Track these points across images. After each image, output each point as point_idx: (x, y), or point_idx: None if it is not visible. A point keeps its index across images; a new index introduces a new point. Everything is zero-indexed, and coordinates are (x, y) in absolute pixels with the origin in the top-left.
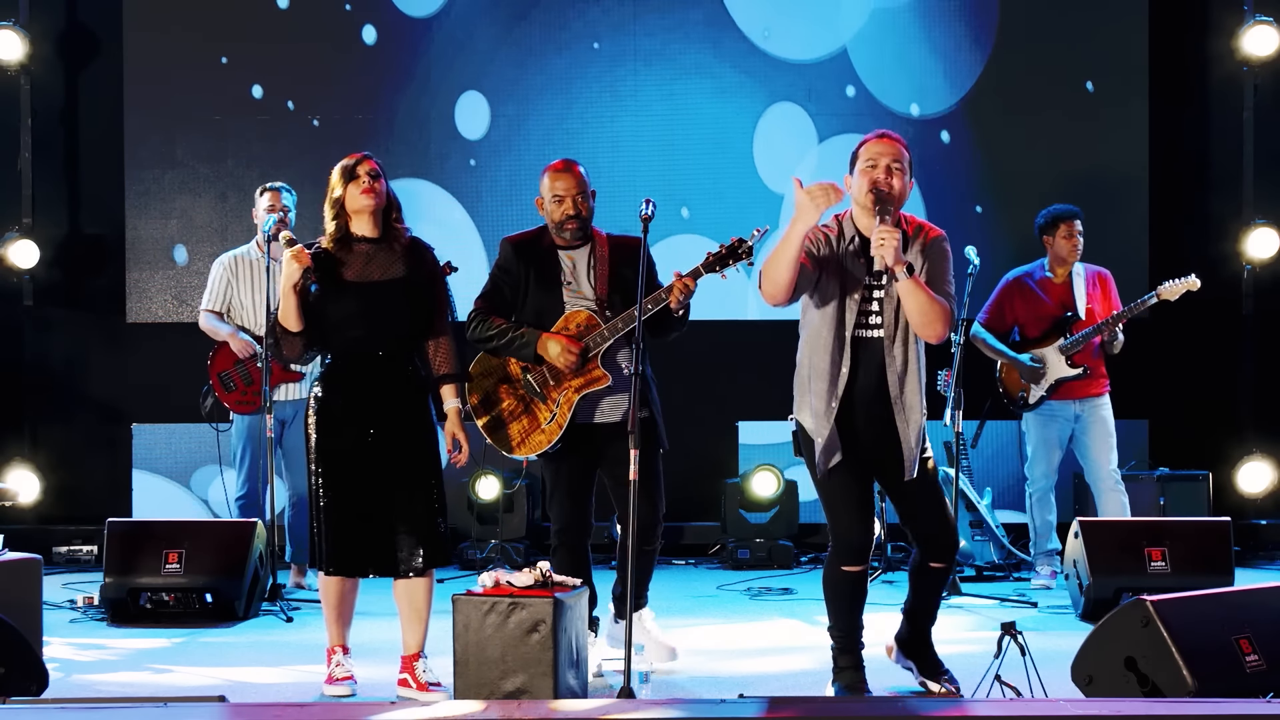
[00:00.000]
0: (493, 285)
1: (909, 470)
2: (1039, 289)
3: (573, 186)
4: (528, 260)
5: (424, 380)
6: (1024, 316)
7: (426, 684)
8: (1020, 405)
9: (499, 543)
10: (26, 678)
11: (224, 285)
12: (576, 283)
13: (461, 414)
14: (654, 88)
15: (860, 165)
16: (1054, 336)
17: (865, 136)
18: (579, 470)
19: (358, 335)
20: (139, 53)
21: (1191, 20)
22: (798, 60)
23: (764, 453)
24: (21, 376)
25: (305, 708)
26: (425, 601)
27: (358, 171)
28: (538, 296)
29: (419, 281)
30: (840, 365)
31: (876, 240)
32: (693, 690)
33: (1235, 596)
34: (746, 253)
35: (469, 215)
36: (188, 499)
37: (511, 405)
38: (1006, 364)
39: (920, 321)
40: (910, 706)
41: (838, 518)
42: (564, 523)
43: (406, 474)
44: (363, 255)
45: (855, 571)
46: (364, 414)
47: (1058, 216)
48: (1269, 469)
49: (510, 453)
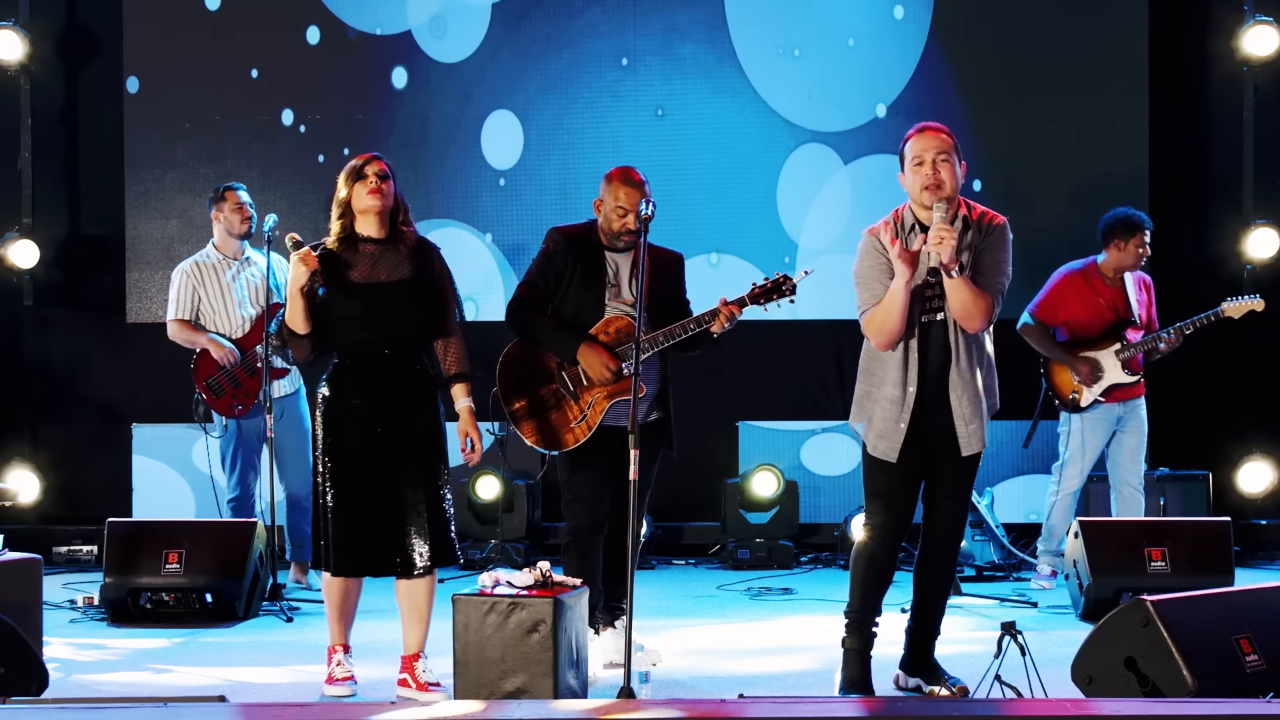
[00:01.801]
0: (538, 272)
1: (964, 445)
2: (1093, 289)
3: (638, 199)
4: (577, 255)
5: (432, 380)
6: (1077, 316)
7: (426, 684)
8: (1070, 407)
9: (499, 543)
10: (26, 678)
11: (190, 293)
12: (619, 288)
13: (474, 413)
14: (654, 88)
15: (909, 163)
16: (1109, 340)
17: (909, 132)
18: (601, 472)
19: (365, 336)
20: (139, 53)
21: (1191, 20)
22: (797, 59)
23: (764, 453)
24: (21, 376)
25: (305, 708)
26: (427, 601)
27: (365, 172)
28: (580, 294)
29: (426, 282)
30: (911, 351)
31: (935, 238)
32: (693, 690)
33: (1235, 596)
34: (790, 290)
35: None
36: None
37: (543, 399)
38: (1059, 364)
39: (961, 314)
40: (910, 707)
41: (874, 506)
42: (579, 520)
43: (413, 474)
44: (369, 256)
45: (883, 556)
46: (371, 414)
47: (1134, 224)
48: (1269, 469)
49: (536, 445)
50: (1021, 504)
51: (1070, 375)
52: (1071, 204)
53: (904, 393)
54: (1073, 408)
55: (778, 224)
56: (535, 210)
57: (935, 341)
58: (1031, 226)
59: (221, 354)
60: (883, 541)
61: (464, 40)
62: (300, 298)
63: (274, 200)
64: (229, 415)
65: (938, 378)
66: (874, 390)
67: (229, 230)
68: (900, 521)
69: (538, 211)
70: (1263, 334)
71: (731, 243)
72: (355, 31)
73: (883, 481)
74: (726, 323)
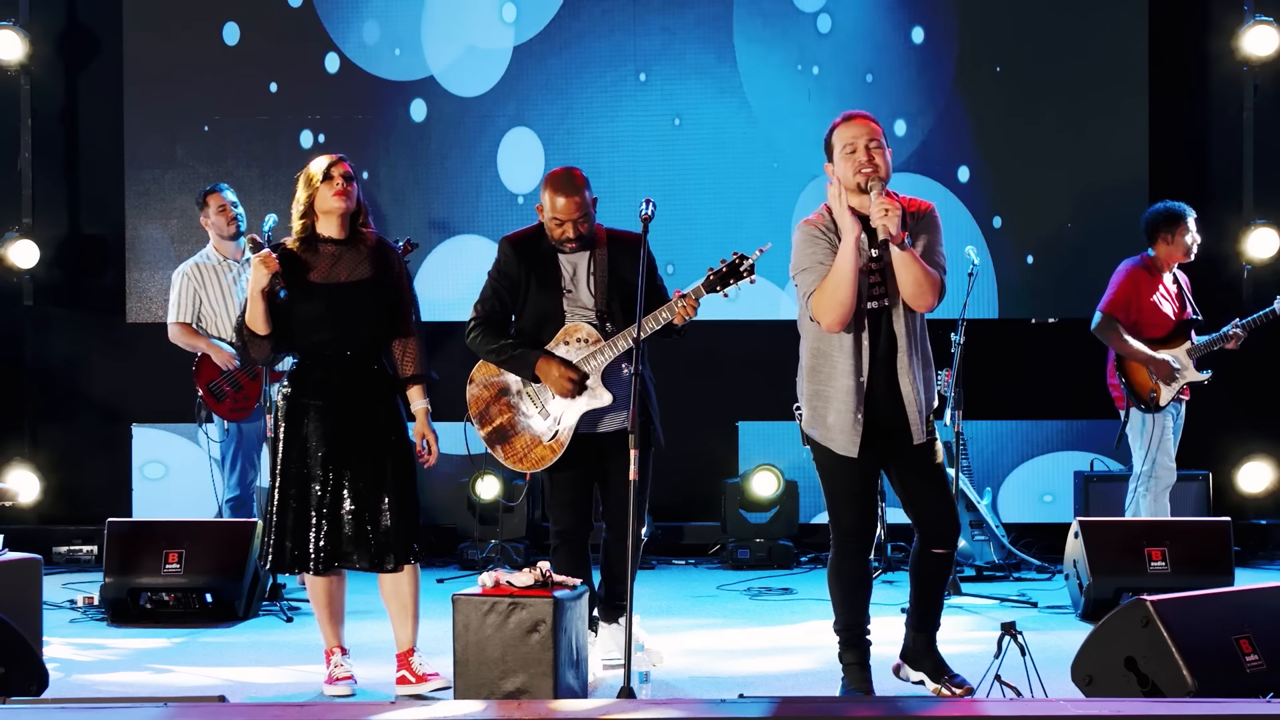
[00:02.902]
0: (491, 290)
1: (916, 434)
2: (1158, 284)
3: (573, 210)
4: (529, 263)
5: (392, 380)
6: (1148, 314)
7: (424, 675)
8: (1149, 405)
9: (499, 543)
10: (26, 678)
11: (190, 295)
12: (576, 290)
13: (429, 415)
14: (654, 87)
15: (839, 151)
16: (1179, 338)
17: (834, 121)
18: (581, 479)
19: (325, 336)
20: (139, 53)
21: (1191, 20)
22: (797, 59)
23: (764, 453)
24: (21, 376)
25: (305, 708)
26: (411, 596)
27: (331, 173)
28: (538, 302)
29: (386, 282)
30: (862, 340)
31: (879, 211)
32: (693, 690)
33: (1235, 596)
34: (749, 271)
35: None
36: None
37: (509, 420)
38: (1138, 362)
39: (914, 292)
40: (910, 706)
41: (840, 510)
42: (564, 525)
43: (375, 472)
44: (329, 256)
45: (857, 565)
46: (332, 414)
47: (1176, 215)
48: (1269, 469)
49: (513, 467)
50: (1020, 504)
51: (1148, 373)
52: (1071, 204)
53: (856, 382)
54: (1152, 406)
55: (791, 216)
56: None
57: (881, 329)
58: (1031, 227)
59: (222, 359)
60: (851, 552)
61: (483, 79)
62: (261, 299)
63: (274, 200)
64: (230, 419)
65: (885, 366)
66: (824, 388)
67: (219, 233)
68: (865, 523)
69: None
70: (1262, 334)
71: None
72: (373, 77)
73: (842, 482)
74: (688, 315)
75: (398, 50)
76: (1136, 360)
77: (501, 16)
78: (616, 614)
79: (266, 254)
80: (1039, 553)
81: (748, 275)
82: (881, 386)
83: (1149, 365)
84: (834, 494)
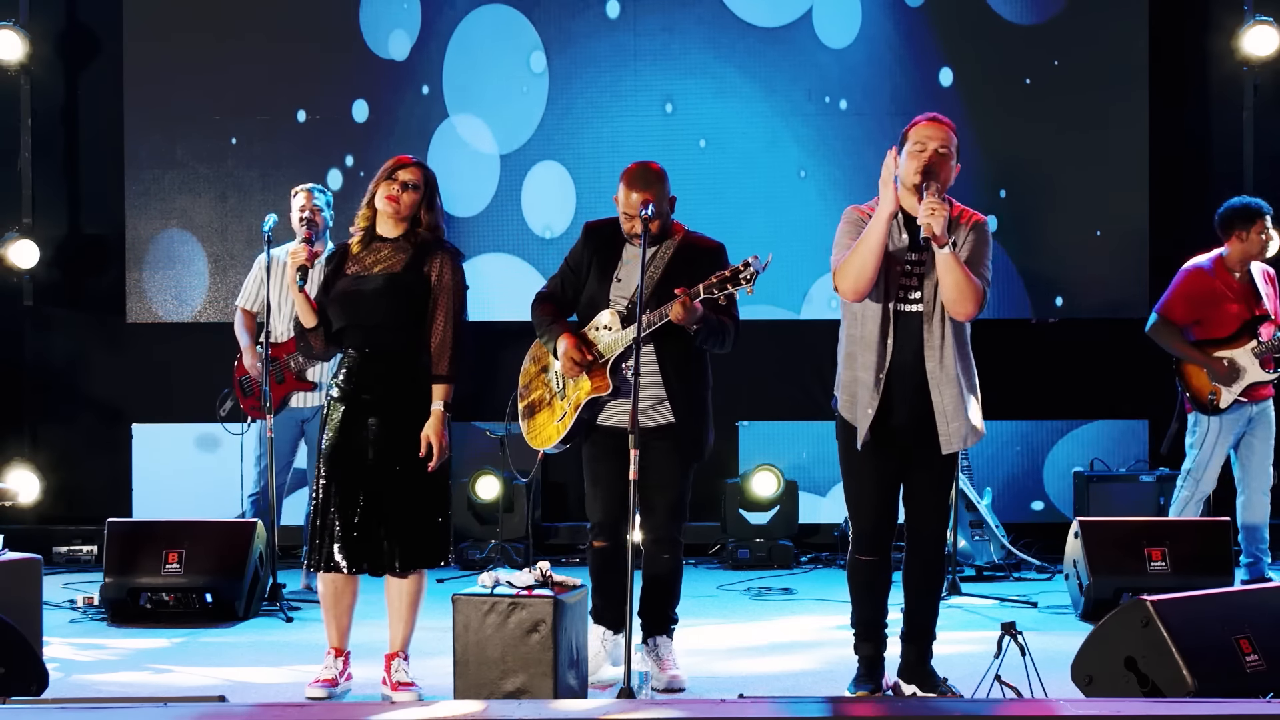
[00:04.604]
0: (558, 271)
1: (944, 444)
2: (1224, 285)
3: (641, 205)
4: (594, 249)
5: (419, 378)
6: (1209, 314)
7: (397, 683)
8: (1208, 409)
9: (499, 543)
10: (26, 678)
11: (256, 284)
12: (626, 280)
13: (444, 418)
14: (654, 88)
15: (909, 147)
16: (1244, 338)
17: (916, 118)
18: (618, 472)
19: (352, 331)
20: (139, 53)
21: (1191, 19)
22: (797, 59)
23: (764, 453)
24: (21, 376)
25: (305, 708)
26: (408, 602)
27: (395, 174)
28: (592, 285)
29: (414, 278)
30: (887, 337)
31: (926, 210)
32: (693, 690)
33: (1235, 596)
34: (749, 279)
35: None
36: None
37: (540, 396)
38: (1194, 365)
39: (953, 297)
40: (911, 706)
41: (860, 506)
42: (600, 518)
43: (401, 472)
44: (373, 253)
45: (873, 561)
46: (365, 411)
47: (1254, 212)
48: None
49: (529, 443)
50: (1020, 505)
51: (1207, 375)
52: (1071, 204)
53: (875, 377)
54: (1211, 409)
55: (787, 215)
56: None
57: (909, 332)
58: (1031, 227)
59: (248, 362)
60: (865, 548)
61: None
62: (297, 292)
63: (274, 200)
64: (252, 415)
65: (911, 371)
66: (852, 374)
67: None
68: (881, 521)
69: None
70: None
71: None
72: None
73: (860, 477)
74: (684, 310)
75: (401, 36)
76: (1192, 363)
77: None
78: (649, 631)
79: (299, 247)
80: (1039, 553)
81: (747, 284)
82: (910, 391)
83: (1207, 367)
84: (851, 489)
